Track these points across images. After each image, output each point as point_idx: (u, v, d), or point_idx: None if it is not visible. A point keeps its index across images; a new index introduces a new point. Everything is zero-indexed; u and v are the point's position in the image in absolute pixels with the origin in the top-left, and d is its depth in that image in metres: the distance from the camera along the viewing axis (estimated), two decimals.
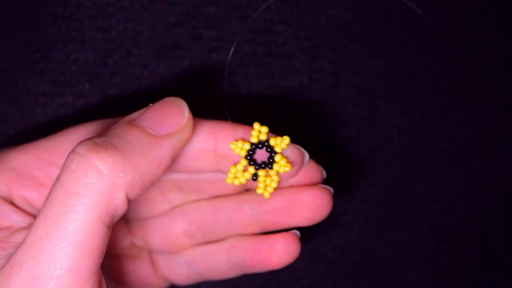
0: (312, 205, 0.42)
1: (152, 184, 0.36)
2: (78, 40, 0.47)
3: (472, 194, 0.52)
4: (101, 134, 0.36)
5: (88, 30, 0.48)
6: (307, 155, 0.40)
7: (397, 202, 0.51)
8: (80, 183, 0.33)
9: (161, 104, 0.37)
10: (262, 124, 0.39)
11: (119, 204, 0.34)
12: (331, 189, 0.42)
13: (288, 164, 0.39)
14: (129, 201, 0.35)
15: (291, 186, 0.42)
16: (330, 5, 0.49)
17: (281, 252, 0.43)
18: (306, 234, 0.52)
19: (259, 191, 0.39)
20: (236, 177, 0.39)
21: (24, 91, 0.48)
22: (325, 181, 0.49)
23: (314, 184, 0.42)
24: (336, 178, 0.51)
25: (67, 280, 0.33)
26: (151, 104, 0.37)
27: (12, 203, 0.39)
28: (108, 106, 0.48)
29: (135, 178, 0.34)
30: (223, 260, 0.44)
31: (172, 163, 0.37)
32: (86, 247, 0.33)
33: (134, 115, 0.37)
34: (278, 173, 0.39)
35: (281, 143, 0.38)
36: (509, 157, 0.51)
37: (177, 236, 0.45)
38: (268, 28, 0.49)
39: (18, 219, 0.39)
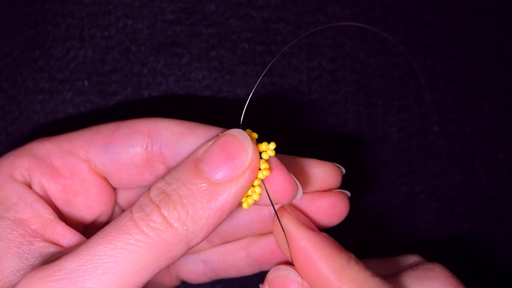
0: (330, 210, 0.42)
1: (215, 229, 0.36)
2: (77, 37, 0.47)
3: (471, 192, 0.52)
4: (169, 173, 0.36)
5: (87, 27, 0.48)
6: (300, 188, 0.39)
7: (395, 199, 0.51)
8: (149, 226, 0.34)
9: (226, 141, 0.36)
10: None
11: (180, 252, 0.35)
12: (348, 193, 0.43)
13: (267, 169, 0.37)
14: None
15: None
16: (328, 2, 0.49)
17: None
18: None
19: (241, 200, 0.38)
20: (248, 195, 0.38)
21: (23, 88, 0.48)
22: None
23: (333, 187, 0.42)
24: None
25: None
26: (218, 135, 0.37)
27: (30, 188, 0.40)
28: (107, 103, 0.48)
29: (197, 229, 0.35)
30: (242, 257, 0.45)
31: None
32: (132, 280, 0.34)
33: (200, 151, 0.37)
34: (262, 184, 0.37)
35: (266, 148, 0.37)
36: (507, 155, 0.51)
37: None
38: (267, 26, 0.49)
39: (38, 208, 0.39)
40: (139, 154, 0.40)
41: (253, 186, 0.37)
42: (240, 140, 0.36)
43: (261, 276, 0.52)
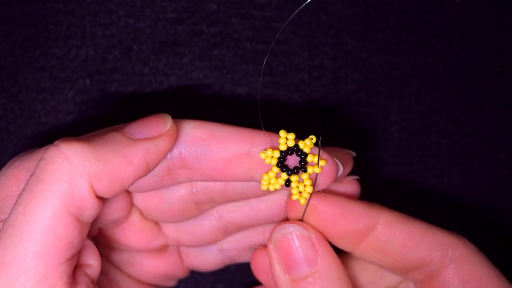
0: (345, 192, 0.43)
1: (123, 185, 0.36)
2: (79, 36, 0.47)
3: (471, 191, 0.52)
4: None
5: (88, 26, 0.48)
6: (341, 169, 0.40)
7: (396, 199, 0.52)
8: (47, 170, 0.35)
9: (149, 116, 0.39)
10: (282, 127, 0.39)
11: (86, 195, 0.35)
12: (357, 177, 0.44)
13: (319, 168, 0.39)
14: (100, 199, 0.36)
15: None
16: (330, 1, 0.49)
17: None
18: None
19: (294, 197, 0.40)
20: (270, 183, 0.39)
21: (24, 87, 0.47)
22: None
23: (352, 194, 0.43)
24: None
25: (33, 267, 0.34)
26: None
27: None
28: (108, 102, 0.48)
29: (102, 170, 0.35)
30: (258, 242, 0.46)
31: (149, 167, 0.37)
32: (51, 234, 0.34)
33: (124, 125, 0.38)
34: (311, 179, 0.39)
35: (310, 144, 0.39)
36: (508, 154, 0.52)
37: (213, 234, 0.45)
38: (268, 25, 0.49)
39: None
40: (160, 164, 0.39)
41: (303, 179, 0.39)
42: (162, 116, 0.38)
43: None
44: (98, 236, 0.44)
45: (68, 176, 0.35)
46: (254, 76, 0.49)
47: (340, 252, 0.41)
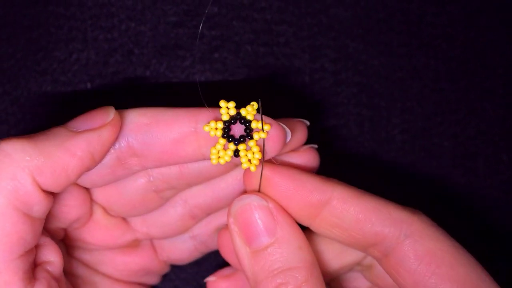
0: (303, 167, 0.43)
1: (68, 178, 0.37)
2: (80, 39, 0.47)
3: (474, 193, 0.52)
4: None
5: (90, 29, 0.48)
6: (289, 133, 0.40)
7: (399, 201, 0.51)
8: None
9: (92, 110, 0.39)
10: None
11: (30, 189, 0.35)
12: (316, 146, 0.43)
13: (265, 132, 0.38)
14: (49, 194, 0.37)
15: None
16: (331, 4, 0.49)
17: None
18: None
19: (244, 165, 0.39)
20: (219, 157, 0.39)
21: (26, 91, 0.48)
22: None
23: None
24: (338, 177, 0.51)
25: None
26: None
27: None
28: (109, 105, 0.48)
29: (44, 164, 0.36)
30: (226, 223, 0.45)
31: (94, 158, 0.38)
32: None
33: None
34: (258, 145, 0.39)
35: (252, 111, 0.38)
36: (511, 156, 0.51)
37: (181, 222, 0.45)
38: (269, 28, 0.49)
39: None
40: (108, 155, 0.39)
41: (251, 147, 0.39)
42: (105, 108, 0.39)
43: None
44: (65, 238, 0.44)
45: (10, 172, 0.35)
46: (256, 79, 0.49)
47: (305, 228, 0.41)
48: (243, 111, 0.39)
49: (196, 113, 0.39)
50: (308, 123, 0.43)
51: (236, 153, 0.39)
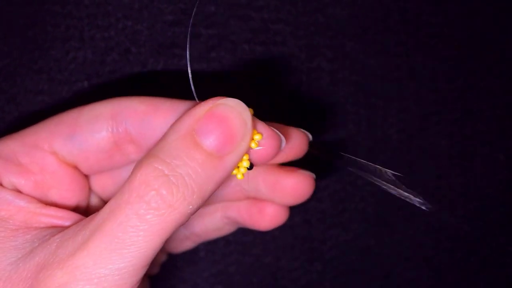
0: (293, 190, 0.42)
1: None
2: (77, 38, 0.47)
3: (471, 193, 0.52)
4: (162, 149, 0.34)
5: (87, 28, 0.48)
6: (284, 140, 0.38)
7: (395, 201, 0.51)
8: (151, 215, 0.33)
9: (223, 112, 0.35)
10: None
11: (180, 225, 0.34)
12: (313, 175, 0.43)
13: (255, 142, 0.36)
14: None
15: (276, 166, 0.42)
16: (328, 3, 0.49)
17: (269, 217, 0.44)
18: (304, 232, 0.52)
19: (234, 172, 0.37)
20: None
21: (22, 89, 0.47)
22: (323, 180, 0.50)
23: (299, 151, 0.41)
24: (334, 177, 0.51)
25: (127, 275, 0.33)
26: (206, 105, 0.35)
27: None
28: None
29: (201, 203, 0.34)
30: (219, 217, 0.46)
31: None
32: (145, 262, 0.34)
33: (191, 120, 0.35)
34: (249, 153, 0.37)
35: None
36: (508, 156, 0.51)
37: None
38: (266, 27, 0.49)
39: (20, 202, 0.38)
40: (106, 138, 0.39)
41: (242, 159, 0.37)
42: (239, 112, 0.35)
43: (261, 275, 0.52)
44: None
45: (172, 220, 0.34)
46: (253, 77, 0.49)
47: None
48: None
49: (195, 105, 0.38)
50: (310, 136, 0.41)
51: None
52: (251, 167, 0.37)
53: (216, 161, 0.34)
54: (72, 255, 0.33)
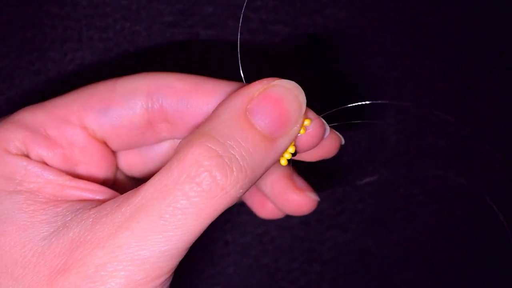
0: (295, 207, 0.42)
1: None
2: (75, 39, 0.47)
3: (469, 194, 0.52)
4: (214, 128, 0.33)
5: (85, 29, 0.47)
6: (328, 129, 0.37)
7: (393, 201, 0.51)
8: (206, 200, 0.32)
9: (278, 93, 0.34)
10: None
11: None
12: (318, 199, 0.43)
13: (303, 128, 0.35)
14: None
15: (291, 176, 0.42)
16: (326, 3, 0.49)
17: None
18: (303, 233, 0.52)
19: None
20: None
21: (20, 91, 0.47)
22: (321, 180, 0.49)
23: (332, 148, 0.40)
24: (333, 177, 0.51)
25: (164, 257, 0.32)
26: (260, 85, 0.34)
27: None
28: None
29: (249, 188, 0.33)
30: None
31: None
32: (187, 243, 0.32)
33: (245, 100, 0.33)
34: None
35: None
36: (506, 156, 0.52)
37: None
38: (265, 28, 0.49)
39: (49, 175, 0.37)
40: (140, 115, 0.38)
41: None
42: (295, 95, 0.34)
43: (260, 276, 0.52)
44: None
45: (225, 203, 0.33)
46: (252, 78, 0.49)
47: None
48: None
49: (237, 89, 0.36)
50: (343, 140, 0.41)
51: None
52: (295, 153, 0.36)
53: (268, 144, 0.33)
54: (113, 234, 0.32)
